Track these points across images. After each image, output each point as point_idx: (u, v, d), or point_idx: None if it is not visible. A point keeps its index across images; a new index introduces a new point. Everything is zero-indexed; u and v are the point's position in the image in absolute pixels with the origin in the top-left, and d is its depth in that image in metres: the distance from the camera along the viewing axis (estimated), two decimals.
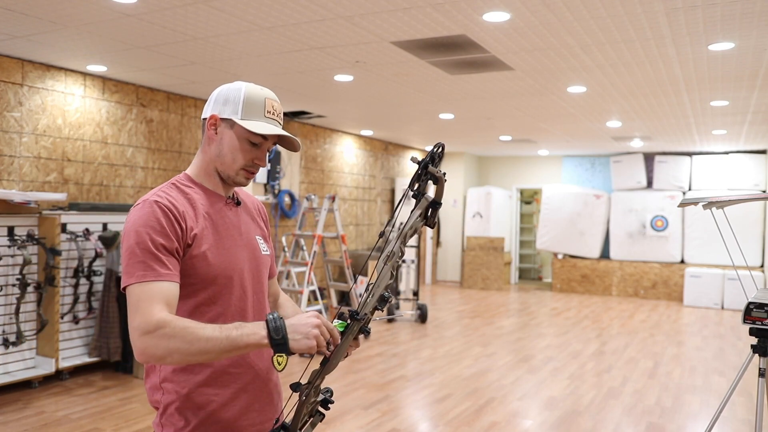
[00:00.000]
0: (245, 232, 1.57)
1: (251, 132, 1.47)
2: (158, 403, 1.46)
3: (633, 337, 7.34)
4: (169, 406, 1.44)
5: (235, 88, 1.50)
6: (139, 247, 1.34)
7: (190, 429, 1.43)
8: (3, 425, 4.00)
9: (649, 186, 11.05)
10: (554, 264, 11.58)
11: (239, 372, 1.48)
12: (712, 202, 3.21)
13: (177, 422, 1.43)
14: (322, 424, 4.14)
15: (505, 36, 4.18)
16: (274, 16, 3.85)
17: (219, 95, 1.51)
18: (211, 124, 1.50)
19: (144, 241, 1.35)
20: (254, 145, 1.49)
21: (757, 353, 2.95)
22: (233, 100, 1.48)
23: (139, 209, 1.40)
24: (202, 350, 1.26)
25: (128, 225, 1.39)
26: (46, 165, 5.26)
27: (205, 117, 1.53)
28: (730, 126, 7.81)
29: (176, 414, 1.43)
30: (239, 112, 1.47)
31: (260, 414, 1.52)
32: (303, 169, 8.63)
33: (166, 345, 1.25)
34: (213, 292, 1.45)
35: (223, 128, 1.50)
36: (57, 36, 4.37)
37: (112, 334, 5.17)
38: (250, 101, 1.48)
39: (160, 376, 1.45)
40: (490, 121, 8.03)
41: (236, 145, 1.49)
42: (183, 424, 1.43)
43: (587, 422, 4.33)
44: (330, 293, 7.69)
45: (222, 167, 1.51)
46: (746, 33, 3.97)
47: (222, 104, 1.50)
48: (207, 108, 1.53)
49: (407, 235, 1.45)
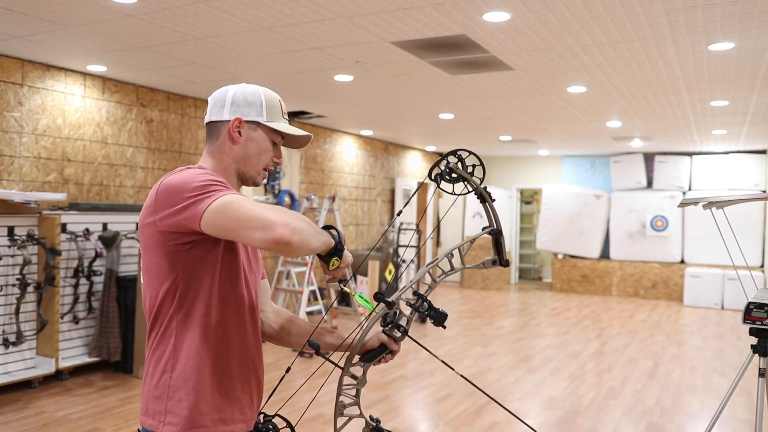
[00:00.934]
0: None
1: (277, 133, 1.56)
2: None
3: (633, 337, 7.34)
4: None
5: (253, 92, 1.55)
6: (206, 178, 1.38)
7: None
8: (3, 425, 4.00)
9: (649, 186, 11.05)
10: (554, 264, 11.58)
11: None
12: (712, 202, 3.21)
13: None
14: (323, 424, 4.15)
15: (505, 36, 4.18)
16: (274, 16, 3.85)
17: (236, 98, 1.54)
18: (236, 126, 1.53)
19: (208, 178, 1.39)
20: (274, 144, 1.57)
21: (757, 353, 2.95)
22: (255, 103, 1.54)
23: (185, 169, 1.44)
24: (316, 233, 1.35)
25: (180, 177, 1.40)
26: (46, 165, 5.26)
27: (221, 119, 1.54)
28: (730, 126, 7.81)
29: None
30: (264, 115, 1.54)
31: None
32: (303, 169, 8.63)
33: (299, 223, 1.30)
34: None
35: (248, 130, 1.54)
36: (57, 36, 4.37)
37: (112, 334, 5.17)
38: (271, 104, 1.56)
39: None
40: (490, 121, 8.03)
41: (263, 146, 1.55)
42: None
43: (587, 422, 4.33)
44: (330, 293, 7.69)
45: (246, 168, 1.55)
46: (746, 33, 3.97)
47: (243, 107, 1.53)
48: (222, 111, 1.54)
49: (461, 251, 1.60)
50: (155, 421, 1.45)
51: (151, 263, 1.46)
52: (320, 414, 4.35)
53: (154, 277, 1.46)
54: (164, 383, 1.45)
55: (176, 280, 1.44)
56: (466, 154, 1.59)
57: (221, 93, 1.56)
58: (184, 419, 1.43)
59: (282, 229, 1.26)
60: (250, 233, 1.28)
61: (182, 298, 1.44)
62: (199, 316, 1.45)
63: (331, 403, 4.58)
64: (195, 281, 1.44)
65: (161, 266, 1.44)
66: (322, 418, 4.26)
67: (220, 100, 1.55)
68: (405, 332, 1.53)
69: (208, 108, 1.58)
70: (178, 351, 1.45)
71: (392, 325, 1.52)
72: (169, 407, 1.44)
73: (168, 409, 1.44)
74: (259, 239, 1.27)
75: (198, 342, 1.45)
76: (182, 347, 1.45)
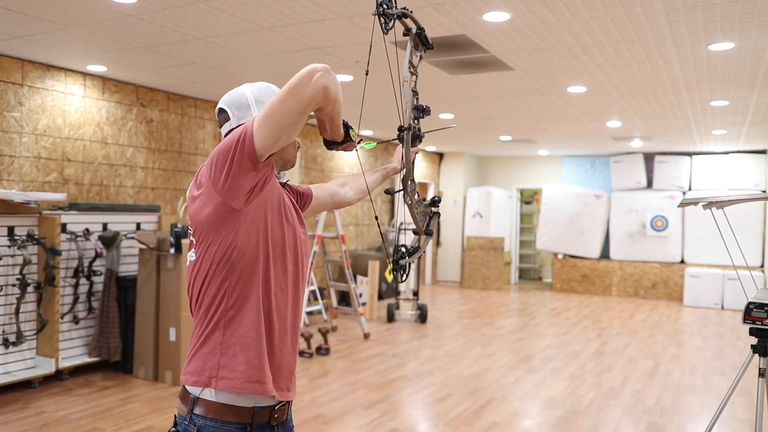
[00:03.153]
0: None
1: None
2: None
3: (633, 337, 7.34)
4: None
5: (264, 88, 1.65)
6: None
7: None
8: (3, 425, 4.00)
9: (649, 186, 11.05)
10: (554, 264, 11.58)
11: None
12: (712, 202, 3.21)
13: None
14: (323, 424, 4.15)
15: (505, 36, 4.18)
16: (274, 16, 3.85)
17: (256, 96, 1.62)
18: None
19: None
20: None
21: (757, 353, 2.95)
22: (272, 95, 1.62)
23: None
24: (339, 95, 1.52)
25: (216, 149, 1.48)
26: (46, 165, 5.26)
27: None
28: (730, 126, 7.81)
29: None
30: None
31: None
32: (303, 169, 8.63)
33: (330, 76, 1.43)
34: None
35: None
36: (57, 36, 4.37)
37: (112, 334, 5.17)
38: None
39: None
40: (490, 121, 8.03)
41: None
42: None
43: (587, 422, 4.33)
44: (330, 293, 7.69)
45: (286, 155, 1.66)
46: (746, 33, 3.97)
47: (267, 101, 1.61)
48: (250, 111, 1.60)
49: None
50: (204, 377, 1.49)
51: (204, 231, 1.51)
52: (320, 414, 4.35)
53: (207, 247, 1.51)
54: (216, 340, 1.50)
55: (231, 244, 1.49)
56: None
57: (238, 96, 1.62)
58: (241, 373, 1.47)
59: (318, 66, 1.39)
60: (300, 97, 1.37)
61: (236, 263, 1.50)
62: (255, 280, 1.52)
63: (331, 403, 4.58)
64: (248, 247, 1.50)
65: (214, 233, 1.49)
66: (322, 418, 4.26)
67: (241, 103, 1.61)
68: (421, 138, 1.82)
69: (230, 114, 1.62)
70: (231, 311, 1.50)
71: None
72: (223, 363, 1.48)
73: (222, 364, 1.48)
74: (309, 94, 1.38)
75: (254, 305, 1.50)
76: (239, 308, 1.50)
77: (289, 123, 1.39)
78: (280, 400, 1.56)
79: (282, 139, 1.41)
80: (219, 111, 1.64)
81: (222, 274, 1.50)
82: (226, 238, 1.48)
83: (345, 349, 6.41)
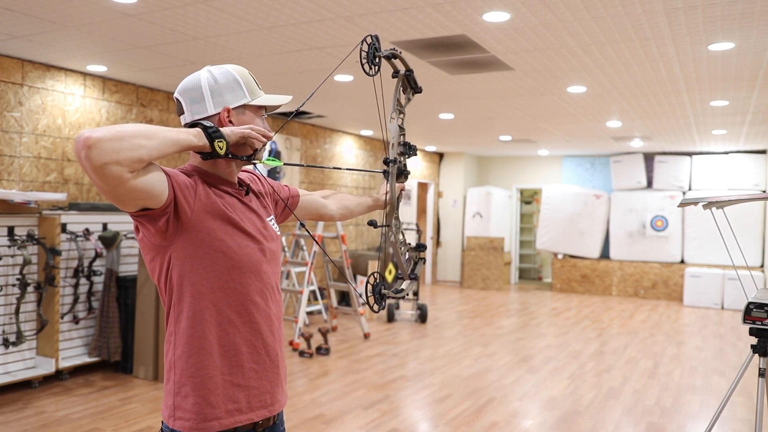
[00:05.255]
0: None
1: (263, 107, 1.54)
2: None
3: (633, 337, 7.34)
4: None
5: (224, 73, 1.50)
6: None
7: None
8: (3, 425, 4.00)
9: (649, 186, 11.05)
10: (554, 264, 11.58)
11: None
12: (712, 202, 3.20)
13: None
14: (323, 424, 4.14)
15: (505, 36, 4.18)
16: (274, 16, 3.85)
17: (212, 87, 1.48)
18: (227, 117, 1.48)
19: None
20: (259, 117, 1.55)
21: (757, 353, 2.95)
22: (233, 85, 1.49)
23: None
24: (150, 135, 1.23)
25: None
26: (46, 165, 5.26)
27: (207, 115, 1.48)
28: (730, 126, 7.81)
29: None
30: (246, 95, 1.51)
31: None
32: (303, 169, 8.64)
33: (116, 128, 1.20)
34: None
35: (238, 116, 1.50)
36: (57, 36, 4.37)
37: (112, 334, 5.17)
38: (246, 80, 1.53)
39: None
40: (490, 121, 8.03)
41: (255, 125, 1.52)
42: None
43: (587, 422, 4.33)
44: (330, 293, 7.69)
45: (247, 152, 1.51)
46: (746, 33, 3.97)
47: (225, 93, 1.48)
48: (204, 105, 1.47)
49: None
50: (166, 415, 1.48)
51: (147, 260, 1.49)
52: (320, 414, 4.35)
53: (152, 274, 1.49)
54: (172, 378, 1.47)
55: (167, 274, 1.45)
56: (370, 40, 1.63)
57: (192, 85, 1.48)
58: (195, 414, 1.44)
59: (85, 134, 1.15)
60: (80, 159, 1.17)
61: (178, 292, 1.45)
62: (192, 309, 1.44)
63: (331, 403, 4.58)
64: (185, 275, 1.44)
65: (154, 261, 1.46)
66: (322, 418, 4.26)
67: (195, 94, 1.47)
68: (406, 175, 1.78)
69: (184, 106, 1.49)
70: (178, 347, 1.47)
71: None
72: (177, 403, 1.46)
73: (176, 404, 1.46)
74: (81, 160, 1.16)
75: (197, 336, 1.45)
76: (181, 343, 1.46)
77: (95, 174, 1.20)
78: (261, 418, 1.52)
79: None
80: (176, 100, 1.51)
81: (169, 302, 1.49)
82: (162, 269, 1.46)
83: (345, 349, 6.41)
